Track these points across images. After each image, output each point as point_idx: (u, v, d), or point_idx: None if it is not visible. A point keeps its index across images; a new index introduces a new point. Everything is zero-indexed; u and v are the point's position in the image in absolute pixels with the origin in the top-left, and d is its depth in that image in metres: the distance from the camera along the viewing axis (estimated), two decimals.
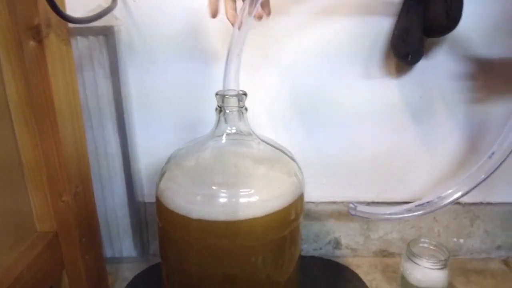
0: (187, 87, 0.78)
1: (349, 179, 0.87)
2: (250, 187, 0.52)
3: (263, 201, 0.52)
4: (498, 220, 0.92)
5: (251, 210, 0.51)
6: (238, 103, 0.56)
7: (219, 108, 0.56)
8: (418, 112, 0.81)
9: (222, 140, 0.57)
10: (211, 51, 0.75)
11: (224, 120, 0.56)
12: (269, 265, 0.58)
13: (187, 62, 0.77)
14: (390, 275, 0.87)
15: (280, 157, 0.60)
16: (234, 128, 0.56)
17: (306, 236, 0.91)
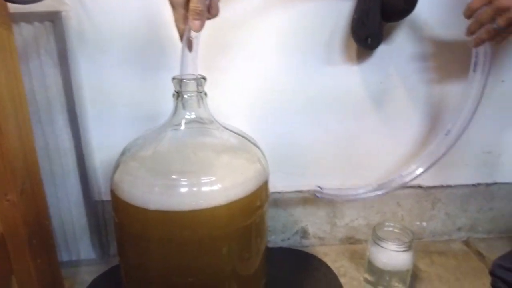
0: (144, 76, 0.74)
1: (314, 167, 0.86)
2: (211, 174, 0.50)
3: (226, 189, 0.50)
4: (458, 202, 0.94)
5: (213, 198, 0.49)
6: (197, 87, 0.53)
7: (176, 93, 0.53)
8: (379, 98, 0.81)
9: (181, 127, 0.54)
10: (168, 37, 0.72)
11: (182, 106, 0.54)
12: (234, 256, 0.56)
13: (143, 50, 0.73)
14: (358, 261, 0.88)
15: (243, 144, 0.58)
16: (194, 114, 0.54)
17: (273, 227, 0.90)
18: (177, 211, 0.48)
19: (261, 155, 0.59)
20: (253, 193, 0.54)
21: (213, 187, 0.49)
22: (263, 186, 0.56)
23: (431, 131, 0.85)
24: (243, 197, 0.52)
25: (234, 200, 0.51)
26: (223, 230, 0.52)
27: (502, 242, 0.96)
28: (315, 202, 0.89)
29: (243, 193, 0.52)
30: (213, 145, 0.55)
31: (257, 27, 0.74)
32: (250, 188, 0.53)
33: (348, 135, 0.84)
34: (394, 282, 0.73)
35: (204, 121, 0.56)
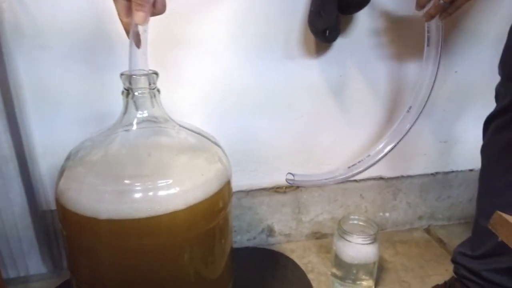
0: (91, 73, 0.69)
1: (277, 163, 0.85)
2: (168, 177, 0.46)
3: (185, 192, 0.46)
4: (418, 191, 0.96)
5: (171, 202, 0.45)
6: (148, 83, 0.49)
7: (126, 91, 0.49)
8: (339, 90, 0.81)
9: (133, 128, 0.50)
10: (116, 32, 0.67)
11: (134, 105, 0.49)
12: (198, 262, 0.52)
13: (89, 46, 0.67)
14: (324, 255, 0.87)
15: (202, 143, 0.55)
16: (146, 113, 0.50)
17: (238, 227, 0.88)
18: (131, 219, 0.44)
19: (222, 154, 0.56)
20: (215, 194, 0.51)
21: (170, 191, 0.45)
22: (225, 187, 0.53)
23: (391, 119, 0.86)
24: (204, 200, 0.49)
25: (194, 204, 0.47)
26: (184, 236, 0.48)
27: (461, 228, 0.99)
28: (280, 199, 0.87)
29: (204, 195, 0.49)
30: (169, 145, 0.51)
31: (211, 20, 0.70)
32: (212, 190, 0.50)
33: (310, 129, 0.83)
34: (362, 275, 0.73)
35: (158, 120, 0.52)
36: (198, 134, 0.55)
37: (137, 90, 0.48)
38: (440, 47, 0.63)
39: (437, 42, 0.63)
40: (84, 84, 0.69)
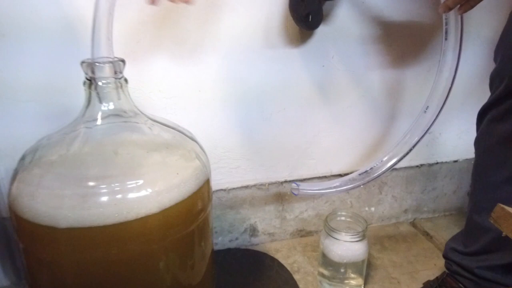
0: (52, 66, 0.62)
1: (259, 159, 0.80)
2: (138, 177, 0.41)
3: (158, 193, 0.41)
4: (403, 184, 0.94)
5: (143, 206, 0.40)
6: (114, 72, 0.43)
7: (88, 81, 0.43)
8: (322, 82, 0.77)
9: (97, 122, 0.44)
10: (80, 19, 0.60)
11: (97, 97, 0.44)
12: (175, 269, 0.48)
13: (50, 35, 0.60)
14: (310, 254, 0.84)
15: (177, 139, 0.49)
16: (112, 105, 0.44)
17: (220, 228, 0.83)
18: (96, 227, 0.39)
19: (200, 150, 0.51)
20: (193, 195, 0.46)
21: (141, 193, 0.40)
22: (204, 186, 0.49)
23: (377, 112, 0.83)
24: (181, 201, 0.44)
25: (169, 206, 0.42)
26: (159, 242, 0.43)
27: (446, 220, 0.97)
28: (262, 197, 0.83)
29: (180, 196, 0.44)
30: (139, 142, 0.46)
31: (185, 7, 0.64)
32: (189, 190, 0.45)
33: (292, 122, 0.79)
34: (350, 273, 0.69)
35: (127, 114, 0.46)
36: (173, 129, 0.50)
37: (100, 80, 0.43)
38: (461, 39, 0.57)
39: (456, 35, 0.57)
40: (44, 77, 0.62)
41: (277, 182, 0.83)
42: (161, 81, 0.67)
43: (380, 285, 0.74)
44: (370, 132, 0.85)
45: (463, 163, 0.97)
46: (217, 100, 0.71)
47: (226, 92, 0.71)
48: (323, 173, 0.86)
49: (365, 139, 0.85)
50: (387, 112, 0.84)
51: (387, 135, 0.86)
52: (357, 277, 0.70)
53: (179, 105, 0.69)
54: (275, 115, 0.76)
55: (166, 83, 0.67)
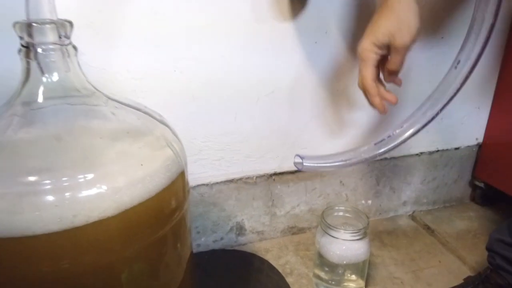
0: None
1: (245, 150, 0.71)
2: (88, 170, 0.32)
3: (115, 190, 0.32)
4: (402, 174, 0.87)
5: (95, 207, 0.31)
6: (58, 36, 0.34)
7: (24, 48, 0.34)
8: (315, 60, 0.68)
9: (38, 101, 0.35)
10: None
11: (38, 68, 0.34)
12: (145, 279, 0.39)
13: None
14: (304, 254, 0.76)
15: (144, 123, 0.40)
16: (57, 76, 0.35)
17: (202, 227, 0.74)
18: (36, 236, 0.30)
19: (173, 136, 0.42)
20: (164, 191, 0.37)
21: (92, 190, 0.31)
22: (178, 180, 0.40)
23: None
24: (147, 199, 0.35)
25: (131, 206, 0.33)
26: (120, 252, 0.34)
27: (447, 212, 0.91)
28: (250, 191, 0.74)
29: (146, 193, 0.35)
30: (94, 127, 0.36)
31: None
32: (158, 184, 0.36)
33: (282, 106, 0.70)
34: (350, 275, 0.62)
35: (79, 92, 0.37)
36: (137, 110, 0.41)
37: (40, 46, 0.33)
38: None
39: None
40: None
41: (266, 174, 0.75)
42: (128, 59, 0.57)
43: (382, 286, 0.67)
44: (368, 118, 0.77)
45: (464, 151, 0.90)
46: (196, 82, 0.62)
47: (206, 72, 0.62)
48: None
49: (362, 125, 0.78)
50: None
51: (389, 122, 0.79)
52: (358, 279, 0.63)
53: (151, 87, 0.59)
54: (263, 99, 0.68)
55: (135, 61, 0.57)
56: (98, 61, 0.55)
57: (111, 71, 0.56)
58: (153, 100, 0.60)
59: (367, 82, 0.52)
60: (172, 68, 0.59)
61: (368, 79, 0.52)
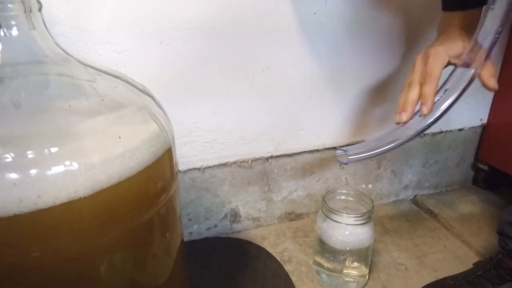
0: None
1: (240, 131, 0.67)
2: (53, 142, 0.27)
3: (89, 167, 0.28)
4: (403, 157, 0.83)
5: (64, 186, 0.27)
6: None
7: None
8: (313, 33, 0.64)
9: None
10: None
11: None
12: (129, 270, 0.35)
13: None
14: (302, 240, 0.72)
15: (124, 93, 0.35)
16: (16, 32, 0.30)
17: (195, 214, 0.70)
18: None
19: (158, 109, 0.37)
20: (147, 169, 0.32)
21: (59, 167, 0.26)
22: (164, 157, 0.35)
23: (380, 72, 0.71)
24: (128, 178, 0.30)
25: (109, 186, 0.29)
26: (97, 239, 0.30)
27: (450, 196, 0.87)
28: (245, 176, 0.70)
29: (126, 170, 0.30)
30: (63, 94, 0.32)
31: None
32: (140, 162, 0.31)
33: (278, 84, 0.65)
34: (353, 262, 0.58)
35: (46, 55, 0.32)
36: (116, 78, 0.36)
37: None
38: None
39: None
40: None
41: (262, 158, 0.70)
42: (109, 29, 0.51)
43: (386, 273, 0.63)
44: (371, 96, 0.73)
45: (468, 132, 0.87)
46: (184, 56, 0.57)
47: (195, 44, 0.57)
48: (315, 146, 0.74)
49: (365, 105, 0.73)
50: (393, 71, 0.72)
51: (393, 100, 0.74)
52: (361, 266, 0.59)
53: (135, 61, 0.54)
54: (258, 75, 0.63)
55: (117, 31, 0.52)
56: (75, 31, 0.50)
57: (89, 43, 0.51)
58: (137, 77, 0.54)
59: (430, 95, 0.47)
60: (158, 39, 0.54)
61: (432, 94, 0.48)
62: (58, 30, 0.48)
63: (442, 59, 0.48)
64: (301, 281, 0.62)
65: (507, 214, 0.57)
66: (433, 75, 0.48)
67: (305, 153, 0.73)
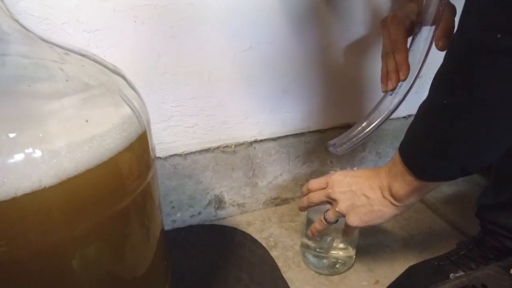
0: None
1: (222, 115, 0.64)
2: (15, 128, 0.24)
3: (54, 154, 0.25)
4: (388, 139, 0.82)
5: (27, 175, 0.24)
6: None
7: None
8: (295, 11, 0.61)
9: None
10: None
11: None
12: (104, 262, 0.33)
13: None
14: (288, 225, 0.71)
15: (91, 70, 0.33)
16: None
17: (177, 201, 0.68)
18: None
19: (130, 91, 0.34)
20: (120, 155, 0.30)
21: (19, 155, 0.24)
22: (138, 142, 0.33)
23: (366, 51, 0.69)
24: (98, 166, 0.28)
25: (77, 174, 0.26)
26: (67, 231, 0.28)
27: None
28: (229, 161, 0.68)
29: (96, 157, 0.28)
30: (21, 74, 0.29)
31: None
32: (111, 147, 0.29)
33: (261, 64, 0.63)
34: (340, 243, 0.57)
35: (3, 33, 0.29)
36: (83, 56, 0.33)
37: None
38: None
39: None
40: None
41: (246, 142, 0.68)
42: (78, 7, 0.48)
43: (372, 255, 0.63)
44: (355, 77, 0.71)
45: None
46: (161, 35, 0.54)
47: (172, 21, 0.53)
48: (300, 129, 0.72)
49: (350, 85, 0.72)
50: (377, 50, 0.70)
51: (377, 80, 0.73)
52: (348, 247, 0.58)
53: (107, 41, 0.51)
54: (239, 55, 0.60)
55: (87, 9, 0.48)
56: (41, 9, 0.46)
57: (57, 23, 0.47)
58: (111, 58, 0.51)
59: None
60: (132, 17, 0.51)
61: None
62: (21, 7, 0.45)
63: (403, 22, 0.49)
64: (287, 266, 0.61)
65: (482, 198, 0.57)
66: (398, 42, 0.49)
67: (289, 136, 0.72)
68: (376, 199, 0.44)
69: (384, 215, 0.45)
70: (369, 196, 0.45)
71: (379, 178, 0.45)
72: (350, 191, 0.46)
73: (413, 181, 0.40)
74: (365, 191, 0.45)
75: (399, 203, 0.43)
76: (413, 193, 0.42)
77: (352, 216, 0.46)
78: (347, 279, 0.58)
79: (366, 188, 0.46)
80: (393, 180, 0.42)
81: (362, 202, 0.45)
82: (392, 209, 0.44)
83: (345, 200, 0.47)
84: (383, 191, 0.45)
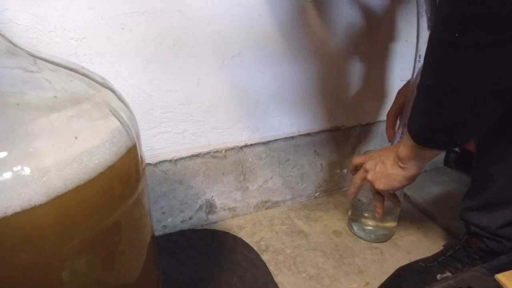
0: None
1: (212, 120, 0.65)
2: (4, 146, 0.24)
3: (43, 172, 0.25)
4: (377, 140, 0.83)
5: (17, 194, 0.24)
6: None
7: None
8: (284, 17, 0.61)
9: None
10: None
11: None
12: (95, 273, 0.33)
13: None
14: (279, 228, 0.71)
15: (80, 85, 0.32)
16: None
17: (168, 207, 0.68)
18: None
19: (119, 104, 0.34)
20: (109, 170, 0.30)
21: (7, 174, 0.24)
22: (128, 156, 0.33)
23: (353, 56, 0.70)
24: (88, 182, 0.28)
25: (67, 191, 0.26)
26: (58, 247, 0.28)
27: (422, 177, 0.89)
28: (219, 166, 0.68)
29: (86, 173, 0.28)
30: (9, 91, 0.28)
31: None
32: (101, 163, 0.29)
33: (250, 70, 0.63)
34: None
35: None
36: (71, 70, 0.33)
37: None
38: None
39: None
40: None
41: (236, 147, 0.69)
42: (65, 15, 0.48)
43: (362, 257, 0.64)
44: (344, 81, 0.72)
45: None
46: (149, 42, 0.54)
47: (160, 28, 0.53)
48: (290, 133, 0.73)
49: (338, 89, 0.72)
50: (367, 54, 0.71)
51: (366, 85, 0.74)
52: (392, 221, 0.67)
53: (95, 49, 0.51)
54: (229, 61, 0.60)
55: (74, 17, 0.48)
56: (26, 17, 0.46)
57: (44, 31, 0.47)
58: (99, 66, 0.51)
59: None
60: (120, 25, 0.51)
61: None
62: (7, 16, 0.44)
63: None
64: (279, 270, 0.61)
65: (464, 201, 0.58)
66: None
67: (279, 140, 0.72)
68: (390, 164, 0.52)
69: (397, 177, 0.51)
70: (386, 163, 0.53)
71: (395, 148, 0.52)
72: (375, 162, 0.55)
73: (414, 145, 0.46)
74: (384, 159, 0.53)
75: (403, 164, 0.49)
76: (414, 156, 0.47)
77: (377, 182, 0.54)
78: (338, 282, 0.59)
79: (385, 157, 0.53)
80: (401, 145, 0.49)
81: (381, 168, 0.53)
82: (399, 170, 0.50)
83: (371, 170, 0.55)
84: (395, 157, 0.51)
